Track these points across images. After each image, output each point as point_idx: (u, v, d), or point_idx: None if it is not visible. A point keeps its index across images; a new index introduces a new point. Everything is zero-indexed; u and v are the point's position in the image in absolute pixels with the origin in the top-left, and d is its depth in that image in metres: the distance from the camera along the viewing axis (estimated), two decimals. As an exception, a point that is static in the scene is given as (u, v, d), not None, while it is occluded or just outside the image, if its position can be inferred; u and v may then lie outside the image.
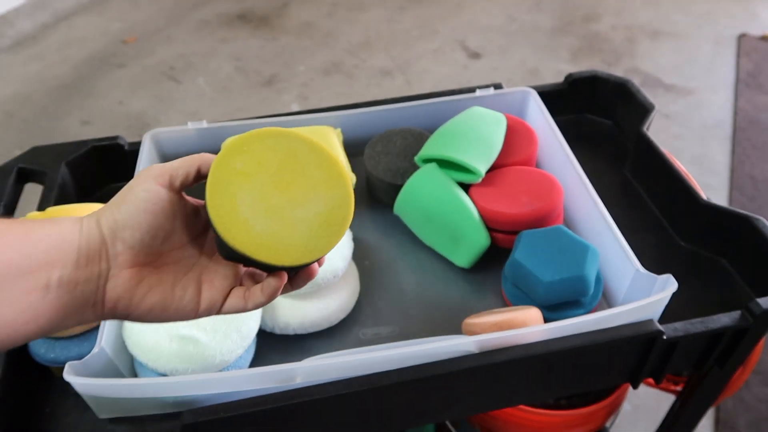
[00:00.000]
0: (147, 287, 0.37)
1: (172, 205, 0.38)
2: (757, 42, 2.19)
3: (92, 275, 0.36)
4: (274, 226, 0.37)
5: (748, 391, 1.18)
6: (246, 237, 0.36)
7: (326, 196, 0.38)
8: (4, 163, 0.74)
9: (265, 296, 0.40)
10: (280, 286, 0.39)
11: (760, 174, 1.67)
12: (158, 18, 2.48)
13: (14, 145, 1.84)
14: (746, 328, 0.56)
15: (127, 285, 0.37)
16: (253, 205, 0.37)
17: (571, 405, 0.73)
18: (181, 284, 0.39)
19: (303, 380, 0.51)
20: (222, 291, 0.40)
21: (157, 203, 0.37)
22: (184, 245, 0.40)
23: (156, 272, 0.38)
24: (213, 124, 0.76)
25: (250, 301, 0.40)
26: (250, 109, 1.96)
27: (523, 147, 0.73)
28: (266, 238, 0.37)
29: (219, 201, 0.36)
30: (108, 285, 0.36)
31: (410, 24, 2.39)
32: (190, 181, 0.39)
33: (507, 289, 0.62)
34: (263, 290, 0.39)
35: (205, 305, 0.39)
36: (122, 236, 0.36)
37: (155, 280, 0.38)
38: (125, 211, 0.36)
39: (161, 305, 0.38)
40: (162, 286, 0.38)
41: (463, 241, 0.65)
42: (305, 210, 0.38)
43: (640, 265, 0.57)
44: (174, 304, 0.38)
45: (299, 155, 0.39)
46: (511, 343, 0.52)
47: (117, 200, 0.37)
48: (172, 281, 0.39)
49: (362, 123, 0.78)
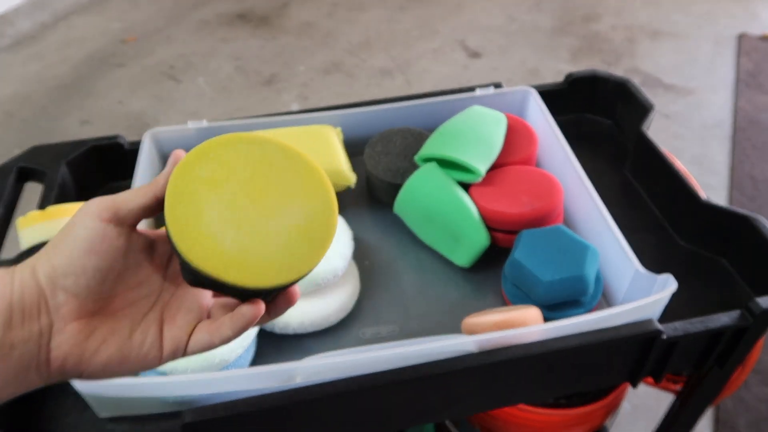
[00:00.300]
0: (100, 339, 0.32)
1: (122, 242, 0.32)
2: (757, 42, 2.19)
3: (31, 334, 0.30)
4: (245, 241, 0.31)
5: (747, 390, 1.18)
6: (212, 255, 0.31)
7: (305, 206, 0.33)
8: (4, 162, 0.74)
9: (235, 329, 0.33)
10: (255, 315, 0.33)
11: (759, 174, 1.67)
12: (158, 18, 2.48)
13: (14, 145, 1.84)
14: (746, 328, 0.56)
15: (74, 340, 0.31)
16: (220, 219, 0.31)
17: (570, 404, 0.73)
18: (140, 328, 0.34)
19: (303, 380, 0.51)
20: (186, 328, 0.34)
21: (102, 242, 0.31)
22: (140, 283, 0.35)
23: (109, 320, 0.33)
24: (213, 124, 0.76)
25: (216, 336, 0.34)
26: (250, 108, 1.96)
27: (523, 146, 0.73)
28: (237, 256, 0.31)
29: (180, 214, 0.31)
30: (52, 343, 0.31)
31: (410, 24, 2.39)
32: (144, 214, 0.33)
33: (507, 289, 0.62)
34: (232, 321, 0.33)
35: (170, 348, 0.34)
36: (64, 284, 0.31)
37: (108, 329, 0.33)
38: (64, 255, 0.31)
39: (118, 357, 0.33)
40: (117, 335, 0.33)
41: (463, 240, 0.65)
42: (282, 222, 0.32)
43: (640, 264, 0.57)
44: (133, 354, 0.33)
45: (274, 162, 0.33)
46: (510, 343, 0.52)
47: (55, 242, 0.32)
48: (129, 327, 0.33)
49: (362, 122, 0.78)
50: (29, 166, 0.74)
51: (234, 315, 0.33)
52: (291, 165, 0.34)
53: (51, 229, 0.62)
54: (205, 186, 0.32)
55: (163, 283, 0.35)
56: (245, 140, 0.33)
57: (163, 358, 0.34)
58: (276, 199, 0.33)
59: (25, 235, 0.62)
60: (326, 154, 0.71)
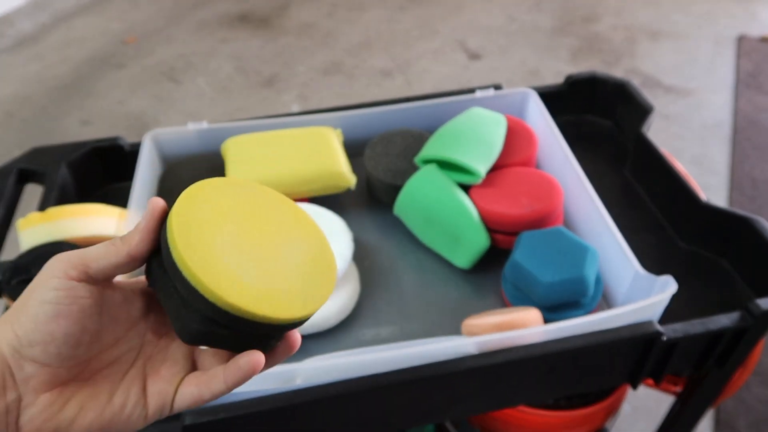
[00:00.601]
0: (76, 407, 0.29)
1: (94, 300, 0.29)
2: (756, 43, 2.19)
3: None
4: (266, 276, 0.30)
5: (748, 391, 1.18)
6: (242, 290, 0.29)
7: (305, 244, 0.33)
8: (5, 163, 0.74)
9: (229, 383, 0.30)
10: (253, 368, 0.30)
11: (759, 174, 1.67)
12: (158, 18, 2.48)
13: (14, 146, 1.84)
14: (746, 329, 0.56)
15: (47, 413, 0.28)
16: (237, 256, 0.30)
17: (570, 405, 0.73)
18: (121, 389, 0.30)
19: (304, 381, 0.51)
20: (172, 380, 0.31)
21: (71, 304, 0.28)
22: (118, 340, 0.31)
23: (86, 385, 0.30)
24: (213, 125, 0.76)
25: (206, 391, 0.31)
26: (250, 109, 1.96)
27: (523, 148, 0.73)
28: (264, 290, 0.30)
29: (197, 256, 0.29)
30: (21, 419, 0.28)
31: (410, 24, 2.39)
32: (116, 271, 0.30)
33: (507, 290, 0.62)
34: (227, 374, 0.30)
35: (155, 405, 0.31)
36: (31, 354, 0.27)
37: (86, 395, 0.29)
38: (29, 322, 0.27)
39: (99, 424, 0.29)
40: (96, 400, 0.29)
41: (463, 242, 0.65)
42: (290, 256, 0.32)
43: (640, 266, 0.57)
44: (116, 418, 0.30)
45: (262, 204, 0.33)
46: (510, 344, 0.52)
47: (18, 305, 0.28)
48: (108, 390, 0.30)
49: (362, 124, 0.78)
50: (29, 168, 0.74)
51: (229, 367, 0.30)
52: (278, 205, 0.34)
53: (51, 231, 0.62)
54: (208, 226, 0.30)
55: (144, 336, 0.32)
56: (231, 183, 0.33)
57: (149, 417, 0.31)
58: (276, 235, 0.33)
59: (25, 236, 0.62)
60: (326, 155, 0.71)
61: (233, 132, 0.76)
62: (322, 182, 0.70)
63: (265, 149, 0.72)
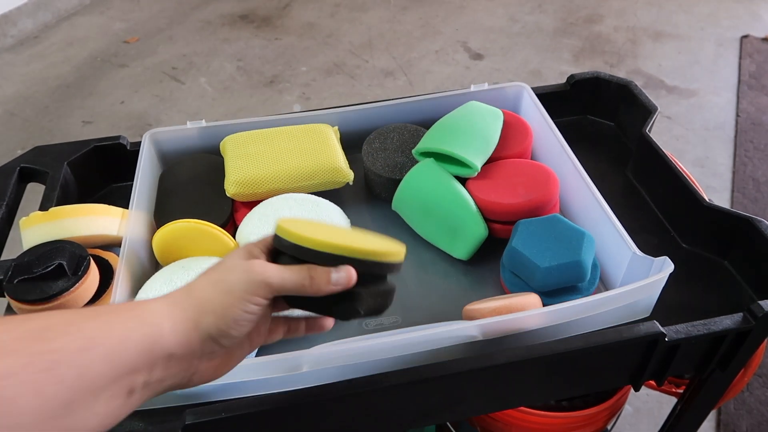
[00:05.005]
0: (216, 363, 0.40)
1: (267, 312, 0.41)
2: (759, 44, 2.18)
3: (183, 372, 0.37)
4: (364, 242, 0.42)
5: (750, 393, 1.18)
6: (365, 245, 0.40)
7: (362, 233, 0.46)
8: (7, 162, 0.74)
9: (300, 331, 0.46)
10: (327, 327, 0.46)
11: (762, 176, 1.67)
12: (160, 18, 2.48)
13: (16, 145, 1.84)
14: (748, 331, 0.55)
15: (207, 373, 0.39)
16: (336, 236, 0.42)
17: (572, 407, 0.73)
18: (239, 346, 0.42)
19: (310, 368, 0.51)
20: (265, 332, 0.43)
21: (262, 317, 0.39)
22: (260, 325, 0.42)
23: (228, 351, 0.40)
24: (212, 123, 0.76)
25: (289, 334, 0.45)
26: (252, 109, 1.96)
27: (518, 140, 0.74)
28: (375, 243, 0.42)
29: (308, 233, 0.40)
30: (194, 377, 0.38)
31: (412, 24, 2.39)
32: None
33: (505, 277, 0.63)
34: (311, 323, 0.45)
35: (255, 347, 0.43)
36: (223, 343, 0.38)
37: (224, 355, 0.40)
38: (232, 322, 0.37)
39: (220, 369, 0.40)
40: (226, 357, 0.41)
41: (462, 232, 0.65)
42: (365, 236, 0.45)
43: (636, 248, 0.57)
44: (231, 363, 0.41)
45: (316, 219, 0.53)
46: (511, 327, 0.52)
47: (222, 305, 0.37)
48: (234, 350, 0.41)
49: (359, 121, 0.78)
50: (31, 167, 0.74)
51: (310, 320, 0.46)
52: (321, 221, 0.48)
53: (53, 230, 0.62)
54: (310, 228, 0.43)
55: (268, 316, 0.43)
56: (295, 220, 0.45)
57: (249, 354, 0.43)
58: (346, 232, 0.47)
59: (27, 235, 0.62)
60: (324, 151, 0.71)
61: (232, 130, 0.76)
62: (320, 178, 0.70)
63: (264, 146, 0.72)
